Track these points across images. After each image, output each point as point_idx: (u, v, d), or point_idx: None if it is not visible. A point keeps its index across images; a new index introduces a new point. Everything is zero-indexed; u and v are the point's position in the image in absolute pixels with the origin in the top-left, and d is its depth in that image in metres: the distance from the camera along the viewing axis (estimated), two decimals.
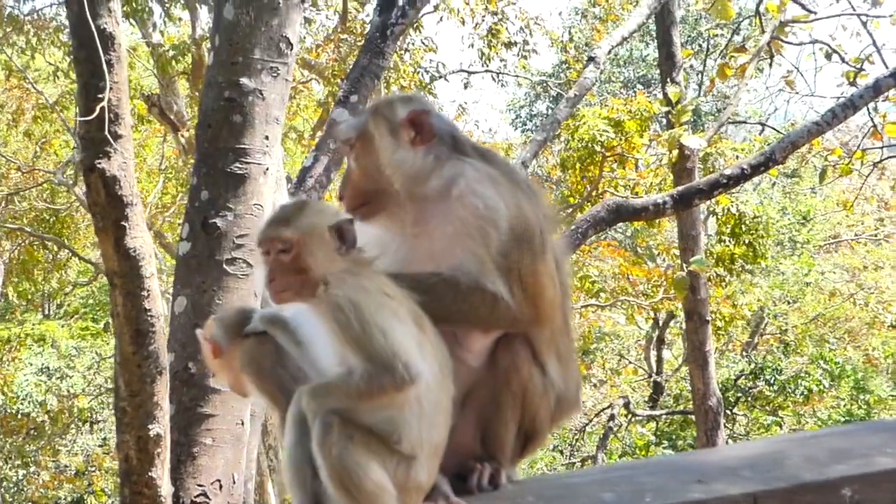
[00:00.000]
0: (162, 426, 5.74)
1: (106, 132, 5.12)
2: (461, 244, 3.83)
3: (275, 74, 7.21)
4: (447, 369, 3.62)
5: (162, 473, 5.80)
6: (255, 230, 7.11)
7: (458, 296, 3.78)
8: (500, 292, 3.80)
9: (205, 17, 19.61)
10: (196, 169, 7.30)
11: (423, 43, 21.22)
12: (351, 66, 12.71)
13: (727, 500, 3.62)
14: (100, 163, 5.20)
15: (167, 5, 19.22)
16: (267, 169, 7.22)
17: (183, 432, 6.75)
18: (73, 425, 24.63)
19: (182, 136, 20.79)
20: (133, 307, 5.41)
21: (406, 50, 19.81)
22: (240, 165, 7.10)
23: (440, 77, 23.14)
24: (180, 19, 22.12)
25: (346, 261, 3.60)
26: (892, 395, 24.76)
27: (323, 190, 11.24)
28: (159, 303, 5.53)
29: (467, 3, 19.91)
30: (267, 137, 7.20)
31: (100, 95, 5.14)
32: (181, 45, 19.78)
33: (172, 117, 20.54)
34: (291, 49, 7.32)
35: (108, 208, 5.28)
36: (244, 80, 7.12)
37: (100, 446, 24.60)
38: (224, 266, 7.03)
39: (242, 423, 7.11)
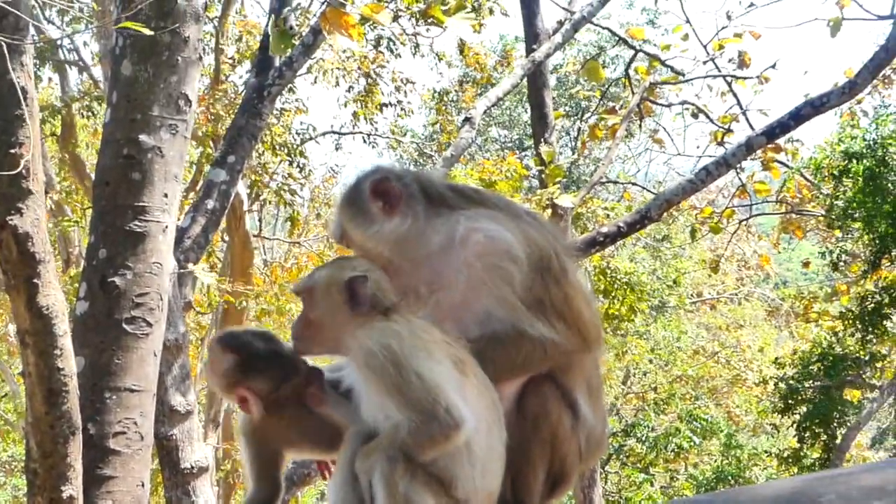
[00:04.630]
0: (75, 487, 5.60)
1: (21, 186, 5.02)
2: (481, 290, 3.74)
3: (174, 132, 7.16)
4: (497, 414, 3.57)
5: None
6: (153, 289, 7.15)
7: (505, 352, 3.69)
8: (543, 333, 3.71)
9: (74, 77, 19.32)
10: (93, 227, 7.20)
11: (295, 104, 21.20)
12: (227, 128, 12.64)
13: None
14: (11, 219, 5.10)
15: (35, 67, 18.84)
16: (166, 227, 7.16)
17: (83, 494, 6.59)
18: None
19: (51, 198, 20.33)
20: (46, 366, 5.28)
21: (281, 111, 19.76)
22: (139, 223, 7.02)
23: (311, 139, 23.16)
24: (50, 79, 21.77)
25: (374, 312, 3.54)
26: (766, 451, 25.20)
27: (201, 251, 11.10)
28: (72, 361, 5.41)
29: (341, 65, 19.95)
30: (166, 195, 7.14)
31: (11, 151, 5.05)
32: (49, 106, 19.41)
33: None
34: (190, 106, 7.28)
35: (20, 266, 5.16)
36: (143, 137, 7.06)
37: None
38: (123, 325, 6.94)
39: (143, 485, 6.98)
